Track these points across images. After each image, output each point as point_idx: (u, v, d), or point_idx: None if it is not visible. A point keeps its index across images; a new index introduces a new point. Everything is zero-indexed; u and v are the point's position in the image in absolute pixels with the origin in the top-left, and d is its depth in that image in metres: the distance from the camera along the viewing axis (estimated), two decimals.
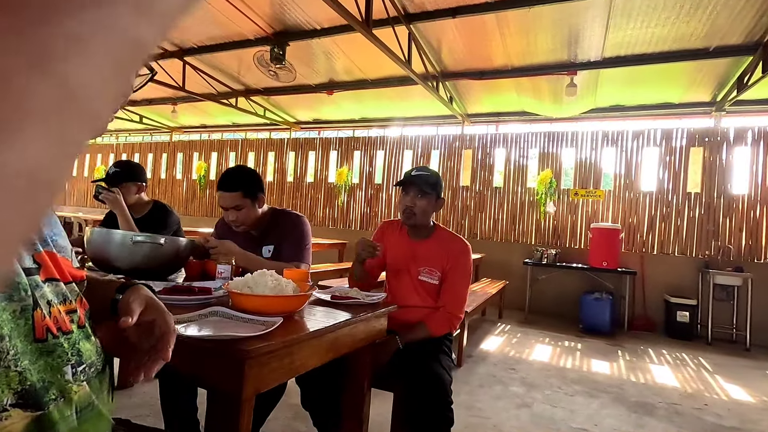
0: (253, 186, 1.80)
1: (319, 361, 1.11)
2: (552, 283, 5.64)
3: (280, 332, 0.98)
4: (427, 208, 1.77)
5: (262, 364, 0.89)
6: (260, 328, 0.97)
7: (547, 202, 5.89)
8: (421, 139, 6.95)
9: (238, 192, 1.75)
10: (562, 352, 4.03)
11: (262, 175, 8.24)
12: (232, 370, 0.86)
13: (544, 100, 5.75)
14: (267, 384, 0.94)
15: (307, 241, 1.91)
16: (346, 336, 1.21)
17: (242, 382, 0.85)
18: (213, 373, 0.89)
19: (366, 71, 5.69)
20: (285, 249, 1.85)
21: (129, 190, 2.27)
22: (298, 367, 1.03)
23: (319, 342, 1.10)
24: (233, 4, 4.44)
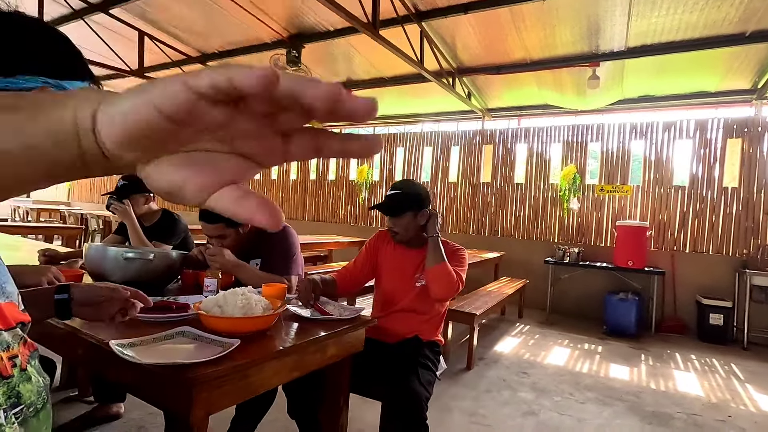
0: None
1: (281, 379, 1.15)
2: (575, 283, 5.47)
3: (238, 355, 1.02)
4: (409, 225, 1.78)
5: (212, 388, 0.93)
6: (219, 350, 1.02)
7: (571, 199, 5.70)
8: (441, 135, 6.87)
9: (219, 224, 1.77)
10: (580, 356, 3.92)
11: (286, 175, 8.42)
12: (182, 395, 0.90)
13: (567, 93, 5.54)
14: (221, 406, 0.98)
15: (294, 251, 1.93)
16: (313, 354, 1.24)
17: (191, 406, 0.89)
18: (165, 396, 0.94)
19: (382, 69, 5.68)
20: (273, 262, 1.87)
21: (137, 202, 2.39)
22: (257, 387, 1.07)
23: (281, 362, 1.13)
24: (249, 12, 4.54)
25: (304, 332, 1.26)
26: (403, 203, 1.77)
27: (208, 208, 0.28)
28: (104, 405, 2.19)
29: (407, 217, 1.77)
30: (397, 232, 1.80)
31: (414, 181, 1.93)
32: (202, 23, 5.15)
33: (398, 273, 1.85)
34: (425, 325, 1.82)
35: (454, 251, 1.83)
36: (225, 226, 1.78)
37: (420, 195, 1.81)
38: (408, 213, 1.77)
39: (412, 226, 1.79)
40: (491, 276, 5.52)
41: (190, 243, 2.57)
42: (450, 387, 2.99)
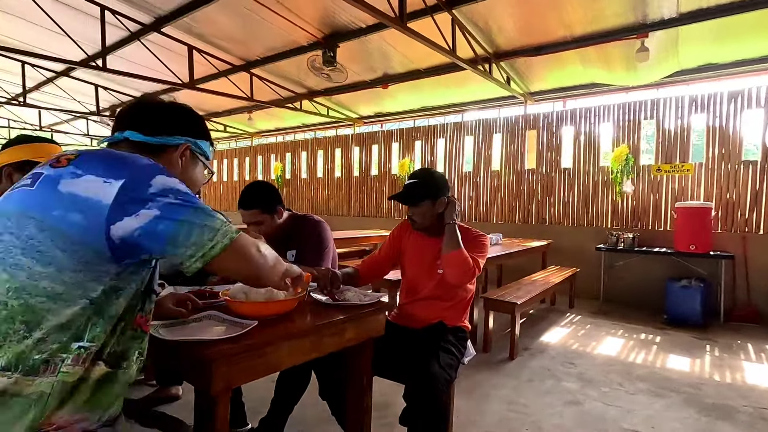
0: (270, 202, 1.94)
1: (298, 359, 1.23)
2: (631, 270, 5.16)
3: (256, 335, 1.11)
4: (427, 213, 1.81)
5: (231, 364, 1.03)
6: (238, 330, 1.12)
7: (624, 181, 5.36)
8: (482, 123, 6.72)
9: (255, 209, 1.91)
10: (635, 346, 3.71)
11: (331, 172, 8.66)
12: (204, 370, 1.01)
13: (615, 69, 5.20)
14: (240, 380, 1.08)
15: (326, 244, 2.03)
16: (331, 336, 1.31)
17: (211, 380, 0.99)
18: (191, 371, 1.06)
19: (418, 61, 5.66)
20: (306, 253, 1.99)
21: None
22: (275, 365, 1.16)
23: (297, 342, 1.21)
24: (285, 17, 4.72)
25: (322, 316, 1.34)
26: (421, 192, 1.80)
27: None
28: (165, 387, 2.43)
29: (425, 205, 1.80)
30: (416, 220, 1.83)
31: (432, 169, 1.94)
32: (243, 33, 5.42)
33: (420, 261, 1.88)
34: (450, 311, 1.84)
35: (474, 237, 1.83)
36: (260, 212, 1.92)
37: (437, 183, 1.83)
38: (426, 201, 1.79)
39: (430, 214, 1.81)
40: (538, 265, 5.35)
41: None
42: (491, 376, 2.97)
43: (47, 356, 0.75)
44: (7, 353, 0.73)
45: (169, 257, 0.82)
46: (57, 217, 0.77)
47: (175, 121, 1.01)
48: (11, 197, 0.83)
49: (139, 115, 0.98)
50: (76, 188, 0.79)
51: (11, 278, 0.75)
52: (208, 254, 0.82)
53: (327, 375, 1.77)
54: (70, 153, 0.86)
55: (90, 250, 0.78)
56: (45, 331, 0.75)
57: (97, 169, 0.81)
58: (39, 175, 0.82)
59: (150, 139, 0.96)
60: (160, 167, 0.86)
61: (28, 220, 0.78)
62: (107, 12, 4.95)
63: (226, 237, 0.84)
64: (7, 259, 0.76)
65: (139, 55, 5.93)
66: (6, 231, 0.78)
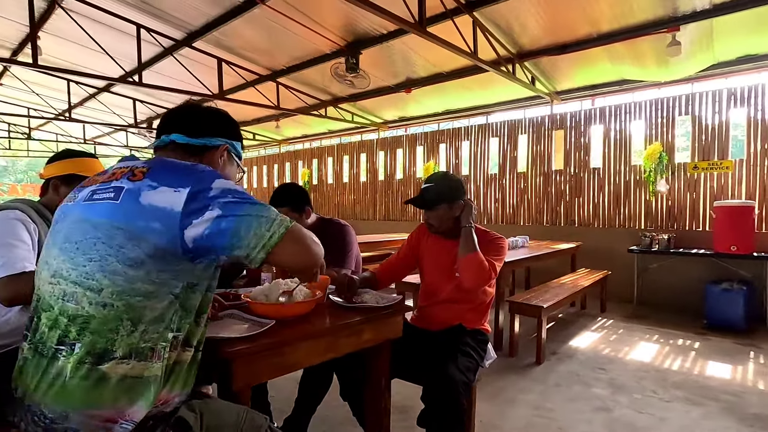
0: (299, 201, 2.02)
1: (316, 359, 1.27)
2: (667, 273, 4.95)
3: (274, 335, 1.16)
4: (443, 217, 1.82)
5: (251, 362, 1.08)
6: (258, 329, 1.17)
7: (658, 180, 5.16)
8: (507, 124, 6.64)
9: (285, 207, 1.99)
10: (671, 352, 3.56)
11: (357, 177, 8.75)
12: (225, 367, 1.06)
13: (647, 65, 5.02)
14: (260, 378, 1.14)
15: (350, 248, 2.07)
16: (347, 337, 1.35)
17: (231, 377, 1.05)
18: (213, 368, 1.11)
19: (440, 65, 5.67)
20: (331, 256, 2.03)
21: None
22: (293, 364, 1.20)
23: (314, 343, 1.25)
24: (309, 27, 4.84)
25: (339, 317, 1.37)
26: (437, 196, 1.80)
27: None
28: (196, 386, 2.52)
29: (441, 208, 1.80)
30: (433, 224, 1.84)
31: (448, 173, 1.94)
32: (268, 44, 5.59)
33: (438, 264, 1.89)
34: (469, 314, 1.84)
35: (492, 240, 1.82)
36: (289, 210, 2.00)
37: (453, 186, 1.83)
38: (442, 204, 1.80)
39: (446, 217, 1.82)
40: (567, 268, 5.22)
41: None
42: (517, 380, 2.93)
43: (152, 345, 0.89)
44: (122, 345, 0.86)
45: (236, 252, 0.90)
46: (142, 227, 0.87)
47: (215, 124, 1.12)
48: (94, 209, 0.92)
49: (183, 119, 1.09)
50: (154, 199, 0.88)
51: (112, 283, 0.86)
52: (268, 243, 0.90)
53: (347, 376, 1.80)
54: (142, 165, 0.96)
55: (170, 253, 0.88)
56: (146, 324, 0.88)
57: (168, 179, 0.91)
58: (120, 189, 0.91)
59: (194, 140, 1.06)
60: (218, 173, 0.95)
61: (116, 231, 0.87)
62: (143, 30, 5.23)
63: (282, 226, 0.92)
64: (105, 267, 0.86)
65: (172, 69, 6.22)
66: (98, 241, 0.88)
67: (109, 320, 0.86)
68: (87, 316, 0.86)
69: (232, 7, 4.74)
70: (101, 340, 0.86)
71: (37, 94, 8.44)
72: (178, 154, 1.05)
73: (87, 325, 0.85)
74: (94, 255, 0.87)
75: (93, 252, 0.87)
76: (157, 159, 1.00)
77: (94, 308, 0.86)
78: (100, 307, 0.86)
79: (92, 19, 5.20)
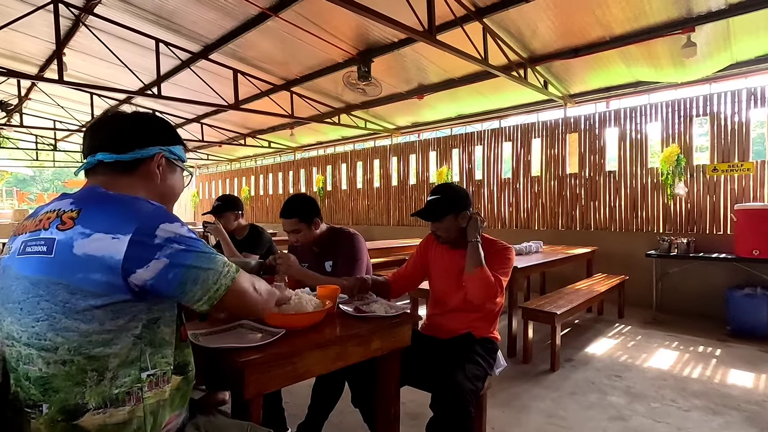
0: (308, 212, 2.07)
1: (325, 368, 1.30)
2: (687, 278, 4.84)
3: (284, 344, 1.20)
4: (451, 227, 1.83)
5: (262, 371, 1.12)
6: (268, 338, 1.21)
7: (676, 183, 5.06)
8: (520, 128, 6.60)
9: (294, 218, 2.04)
10: (691, 359, 3.48)
11: (370, 183, 8.81)
12: (236, 376, 1.10)
13: (662, 66, 4.95)
14: (270, 387, 1.17)
15: (360, 256, 2.10)
16: (356, 346, 1.38)
17: (243, 385, 1.09)
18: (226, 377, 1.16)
19: (451, 71, 5.69)
20: (340, 264, 2.08)
21: (228, 218, 2.80)
22: (303, 373, 1.23)
23: (323, 352, 1.29)
24: (321, 37, 4.93)
25: (348, 327, 1.40)
26: (443, 207, 1.81)
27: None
28: (212, 392, 2.59)
29: (448, 220, 1.81)
30: (441, 235, 1.85)
31: (453, 184, 1.95)
32: (282, 54, 5.71)
33: (446, 274, 1.90)
34: (478, 322, 1.85)
35: (498, 251, 1.83)
36: (299, 221, 2.05)
37: (459, 196, 1.84)
38: (449, 216, 1.81)
39: (454, 228, 1.83)
40: (583, 273, 5.15)
41: (274, 252, 2.92)
42: (530, 387, 2.91)
43: (126, 389, 0.85)
44: (93, 396, 0.82)
45: (181, 301, 0.90)
46: (81, 279, 0.81)
47: (143, 132, 0.99)
48: (30, 265, 0.85)
49: (104, 133, 0.97)
50: (90, 248, 0.82)
51: (66, 340, 0.81)
52: (214, 296, 0.90)
53: (358, 383, 1.83)
54: (70, 210, 0.87)
55: (118, 300, 0.83)
56: (113, 371, 0.84)
57: (102, 224, 0.84)
58: (52, 241, 0.84)
59: (122, 156, 0.95)
60: (162, 213, 0.89)
61: (57, 286, 0.82)
62: (161, 44, 5.40)
63: (227, 278, 0.92)
64: (56, 325, 0.81)
65: (189, 81, 6.40)
66: (41, 299, 0.82)
67: (72, 375, 0.81)
68: (48, 377, 0.81)
69: (246, 20, 4.86)
70: (70, 396, 0.81)
71: (62, 107, 8.77)
72: (110, 176, 0.95)
73: (50, 385, 0.81)
74: (40, 314, 0.82)
75: (38, 311, 0.82)
76: (89, 195, 0.91)
77: (53, 367, 0.81)
78: (59, 365, 0.81)
79: (114, 35, 5.40)
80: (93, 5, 4.83)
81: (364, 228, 8.66)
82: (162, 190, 1.02)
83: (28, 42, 5.93)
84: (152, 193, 0.99)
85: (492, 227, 6.85)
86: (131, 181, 0.97)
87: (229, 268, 0.94)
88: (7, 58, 6.68)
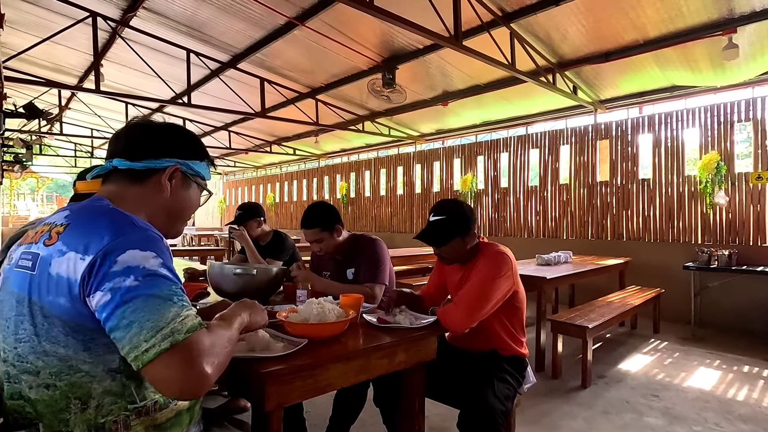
0: (329, 221, 2.03)
1: (348, 381, 1.26)
2: (730, 292, 4.56)
3: (305, 355, 1.16)
4: (458, 249, 1.71)
5: (283, 383, 1.09)
6: (290, 348, 1.18)
7: (716, 192, 4.80)
8: (548, 134, 6.44)
9: (316, 228, 2.01)
10: (736, 380, 3.25)
11: (393, 189, 8.77)
12: (256, 387, 1.07)
13: (700, 69, 4.73)
14: (291, 399, 1.13)
15: (383, 262, 2.06)
16: (380, 359, 1.33)
17: (263, 397, 1.05)
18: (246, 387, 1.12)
19: (477, 77, 5.62)
20: (362, 271, 2.04)
21: (251, 225, 2.81)
22: (325, 386, 1.19)
23: (346, 365, 1.24)
24: (347, 45, 4.96)
25: (372, 339, 1.36)
26: (450, 230, 1.68)
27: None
28: (235, 399, 2.58)
29: (455, 243, 1.69)
30: (446, 257, 1.74)
31: (456, 200, 1.80)
32: (308, 63, 5.78)
33: (456, 291, 1.77)
34: (502, 338, 1.74)
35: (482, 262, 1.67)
36: (320, 230, 2.02)
37: (465, 215, 1.70)
38: (456, 239, 1.68)
39: (461, 248, 1.71)
40: (615, 285, 4.94)
41: (297, 258, 2.91)
42: (561, 405, 2.78)
43: (113, 417, 0.78)
44: (78, 424, 0.77)
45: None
46: (51, 303, 0.76)
47: (160, 143, 0.95)
48: (17, 279, 0.82)
49: (124, 140, 0.94)
50: (61, 268, 0.76)
51: (47, 365, 0.76)
52: (140, 358, 0.71)
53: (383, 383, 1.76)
54: (61, 222, 0.83)
55: (86, 328, 0.76)
56: (97, 399, 0.78)
57: (78, 241, 0.78)
58: (36, 256, 0.80)
59: (135, 164, 0.91)
60: (142, 238, 0.79)
61: (35, 306, 0.78)
62: (192, 54, 5.56)
63: (166, 340, 0.72)
64: (36, 348, 0.77)
65: (218, 89, 6.56)
66: (24, 319, 0.78)
67: (56, 401, 0.76)
68: (33, 400, 0.77)
69: (273, 30, 4.95)
70: (54, 422, 0.77)
71: (98, 116, 9.15)
72: (121, 185, 0.92)
73: (35, 408, 0.77)
74: (23, 335, 0.78)
75: (21, 332, 0.78)
76: (85, 208, 0.86)
77: (35, 391, 0.77)
78: (42, 389, 0.77)
79: (147, 47, 5.59)
80: (129, 18, 5.03)
81: (387, 235, 8.61)
82: (169, 204, 0.95)
83: (68, 54, 6.23)
84: (158, 207, 0.94)
85: (518, 236, 6.68)
86: (141, 191, 0.92)
87: (177, 326, 0.74)
88: (49, 70, 7.03)
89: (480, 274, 1.61)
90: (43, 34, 5.00)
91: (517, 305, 1.75)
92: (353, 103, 6.99)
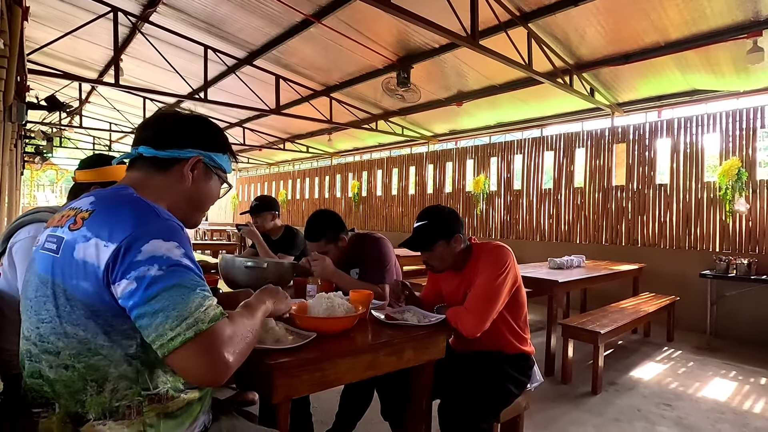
0: (334, 231, 2.00)
1: (356, 376, 1.25)
2: (748, 302, 4.45)
3: (314, 349, 1.16)
4: (443, 255, 1.69)
5: (291, 376, 1.09)
6: (299, 341, 1.18)
7: (736, 199, 4.69)
8: (563, 137, 6.36)
9: (321, 241, 1.98)
10: (753, 391, 3.17)
11: (405, 189, 8.76)
12: (265, 379, 1.07)
13: (723, 73, 4.62)
14: (299, 392, 1.13)
15: (387, 261, 2.03)
16: (388, 356, 1.32)
17: (272, 389, 1.05)
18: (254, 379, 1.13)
19: (493, 77, 5.57)
20: (368, 270, 2.01)
21: (265, 218, 2.83)
22: (333, 380, 1.19)
23: (354, 360, 1.24)
24: (362, 44, 4.97)
25: (380, 335, 1.35)
26: (432, 234, 1.67)
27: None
28: (243, 392, 2.60)
29: (440, 247, 1.67)
30: (434, 265, 1.71)
31: (441, 206, 1.77)
32: (324, 61, 5.80)
33: (453, 297, 1.76)
34: (505, 339, 1.71)
35: (483, 262, 1.64)
36: (326, 243, 1.99)
37: (448, 220, 1.69)
38: (439, 243, 1.67)
39: (447, 255, 1.69)
40: (629, 291, 4.85)
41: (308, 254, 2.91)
42: (570, 410, 2.74)
43: (127, 402, 0.80)
44: (93, 407, 0.79)
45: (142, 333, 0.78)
46: (74, 286, 0.78)
47: (185, 133, 0.98)
48: (42, 261, 0.85)
49: (151, 129, 0.97)
50: (86, 254, 0.78)
51: (66, 346, 0.79)
52: (166, 346, 0.74)
53: (389, 394, 1.76)
54: (86, 210, 0.85)
55: (107, 314, 0.78)
56: (113, 383, 0.80)
57: (103, 229, 0.79)
58: (61, 240, 0.83)
59: (160, 153, 0.94)
60: (165, 227, 0.81)
61: (58, 289, 0.80)
62: (209, 50, 5.62)
63: (191, 330, 0.75)
64: (57, 329, 0.79)
65: (234, 86, 6.62)
66: (47, 300, 0.81)
67: (74, 381, 0.79)
68: (51, 380, 0.80)
69: (290, 27, 4.98)
70: (71, 403, 0.79)
71: (117, 110, 9.31)
72: (145, 173, 0.94)
73: (53, 387, 0.80)
74: (45, 316, 0.81)
75: (44, 312, 0.81)
76: (110, 196, 0.88)
77: (54, 371, 0.80)
78: (61, 370, 0.79)
79: (166, 42, 5.67)
80: (149, 13, 5.10)
81: (398, 235, 8.60)
82: (191, 194, 0.97)
83: (89, 48, 6.35)
84: (180, 195, 0.96)
85: (530, 239, 6.61)
86: (164, 179, 0.94)
87: (201, 315, 0.77)
88: (71, 64, 7.18)
89: (483, 274, 1.60)
90: (65, 29, 5.10)
91: (520, 301, 1.73)
92: (367, 101, 6.99)
